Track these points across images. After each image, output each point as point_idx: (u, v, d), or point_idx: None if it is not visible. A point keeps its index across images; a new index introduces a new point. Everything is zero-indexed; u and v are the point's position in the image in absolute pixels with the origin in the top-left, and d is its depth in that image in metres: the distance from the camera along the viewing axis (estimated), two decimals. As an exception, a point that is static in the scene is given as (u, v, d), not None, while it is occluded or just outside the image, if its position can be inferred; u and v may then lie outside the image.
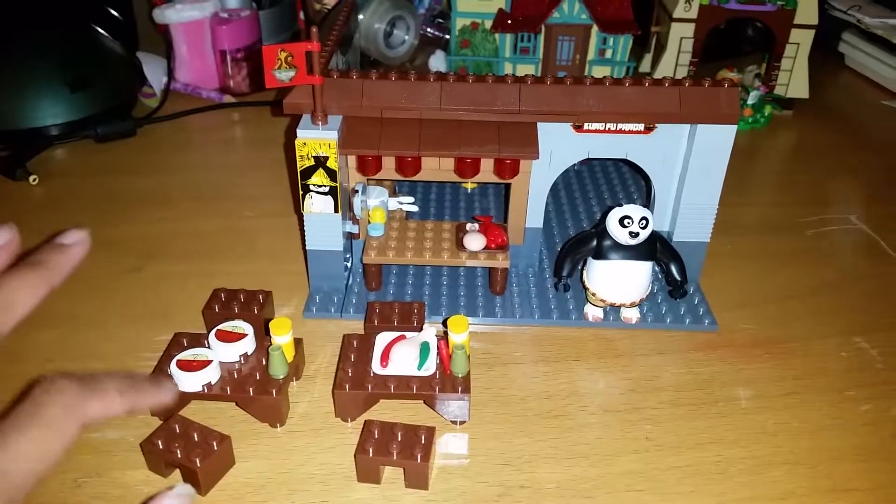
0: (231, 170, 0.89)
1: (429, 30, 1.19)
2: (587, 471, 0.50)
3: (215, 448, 0.47)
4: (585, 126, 0.61)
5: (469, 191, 0.82)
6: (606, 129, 0.61)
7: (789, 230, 0.79)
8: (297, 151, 0.58)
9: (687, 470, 0.50)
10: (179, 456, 0.47)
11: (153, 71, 1.05)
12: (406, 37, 1.11)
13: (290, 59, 0.55)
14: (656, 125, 0.61)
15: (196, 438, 0.48)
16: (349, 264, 0.67)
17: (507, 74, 0.61)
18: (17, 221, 0.37)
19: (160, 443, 0.47)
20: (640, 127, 0.61)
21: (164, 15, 1.03)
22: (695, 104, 0.60)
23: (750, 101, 1.01)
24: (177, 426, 0.48)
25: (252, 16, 1.05)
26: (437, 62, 1.12)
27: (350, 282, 0.66)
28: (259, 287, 0.62)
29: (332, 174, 0.59)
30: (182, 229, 0.76)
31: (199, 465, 0.46)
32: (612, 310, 0.63)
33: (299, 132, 0.58)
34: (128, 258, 0.70)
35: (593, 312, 0.63)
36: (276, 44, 0.55)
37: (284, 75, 0.56)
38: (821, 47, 1.03)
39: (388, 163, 0.62)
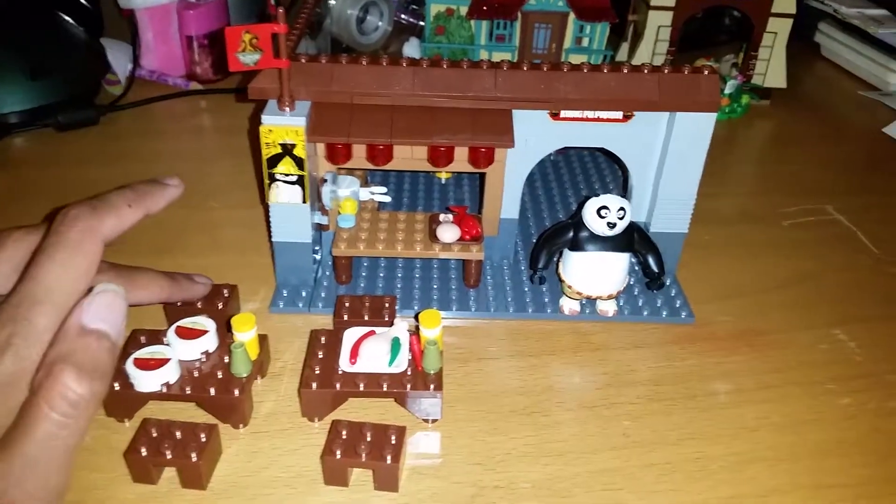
0: (198, 159, 0.86)
1: (403, 16, 1.16)
2: (563, 469, 0.49)
3: (204, 440, 0.45)
4: (562, 114, 0.59)
5: (443, 181, 0.80)
6: (584, 116, 0.60)
7: (766, 221, 0.79)
8: (261, 139, 0.55)
9: (666, 467, 0.49)
10: (171, 457, 0.44)
11: (118, 58, 1.02)
12: (379, 23, 1.09)
13: (254, 41, 0.53)
14: (634, 113, 0.60)
15: (180, 436, 0.46)
16: (318, 257, 0.65)
17: (482, 60, 0.59)
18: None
19: (144, 449, 0.45)
20: (619, 115, 0.60)
21: (129, -1, 1.00)
22: (674, 91, 0.58)
23: (727, 91, 1.00)
24: (153, 429, 0.46)
25: (220, 1, 1.02)
26: (412, 49, 1.09)
27: (319, 275, 0.64)
28: (224, 280, 0.59)
29: (299, 162, 0.56)
30: (144, 221, 0.73)
31: (197, 459, 0.44)
32: (589, 302, 0.62)
33: (264, 118, 0.55)
34: (87, 251, 0.68)
35: (569, 305, 0.61)
36: (240, 25, 0.53)
37: (249, 58, 0.53)
38: (797, 38, 1.03)
39: (359, 151, 0.59)
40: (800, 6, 0.99)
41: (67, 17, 0.97)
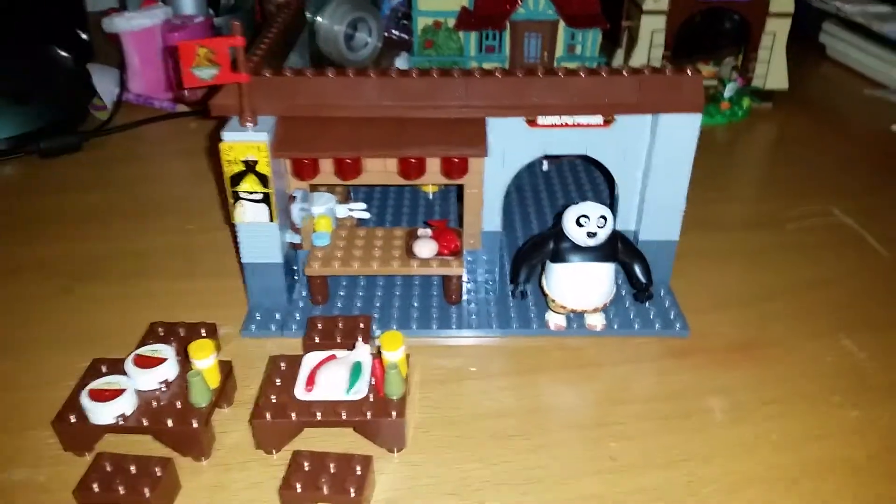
0: (181, 181, 0.85)
1: (394, 32, 1.15)
2: (542, 496, 0.45)
3: (159, 474, 0.43)
4: (539, 120, 0.57)
5: (430, 195, 0.78)
6: (563, 123, 0.57)
7: (769, 225, 0.75)
8: (221, 156, 0.53)
9: (653, 493, 0.46)
10: (123, 493, 0.42)
11: (105, 82, 1.01)
12: (369, 39, 1.07)
13: (210, 55, 0.51)
14: (615, 117, 0.57)
15: (134, 470, 0.43)
16: (295, 277, 0.62)
17: (453, 69, 0.56)
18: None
19: (96, 486, 0.42)
20: (599, 120, 0.57)
21: (114, 24, 0.99)
22: (655, 92, 0.55)
23: (727, 94, 0.97)
24: (106, 463, 0.43)
25: (205, 22, 1.01)
26: (402, 64, 1.07)
27: (296, 296, 0.62)
28: (198, 306, 0.57)
29: (263, 180, 0.54)
30: (118, 248, 0.71)
31: (149, 495, 0.42)
32: (576, 317, 0.59)
33: (224, 135, 0.53)
34: (57, 279, 0.66)
35: (555, 320, 0.58)
36: (195, 39, 0.51)
37: (205, 73, 0.51)
38: (801, 39, 0.99)
39: (326, 166, 0.57)
40: (802, 7, 0.96)
41: (54, 45, 0.96)
